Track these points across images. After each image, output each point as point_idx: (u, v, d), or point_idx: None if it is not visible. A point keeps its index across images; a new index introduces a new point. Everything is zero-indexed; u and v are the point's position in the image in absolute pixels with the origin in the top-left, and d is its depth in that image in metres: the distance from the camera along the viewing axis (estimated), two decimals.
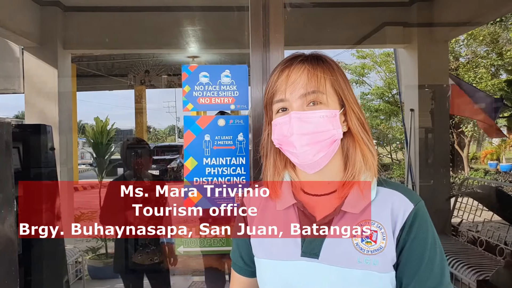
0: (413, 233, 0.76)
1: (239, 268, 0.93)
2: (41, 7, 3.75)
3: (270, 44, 1.49)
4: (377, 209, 0.78)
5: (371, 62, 11.31)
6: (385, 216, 0.78)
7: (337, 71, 0.81)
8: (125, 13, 3.88)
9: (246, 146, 1.46)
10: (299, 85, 0.77)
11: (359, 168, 0.80)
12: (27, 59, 3.84)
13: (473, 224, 3.75)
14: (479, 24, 5.66)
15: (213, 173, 1.45)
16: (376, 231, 0.77)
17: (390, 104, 10.87)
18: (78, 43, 4.10)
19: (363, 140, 0.81)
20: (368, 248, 0.76)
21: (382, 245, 0.76)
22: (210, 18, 3.89)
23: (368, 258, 0.75)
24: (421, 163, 4.14)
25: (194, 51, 4.92)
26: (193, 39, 4.49)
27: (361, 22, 4.17)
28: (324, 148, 0.77)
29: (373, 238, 0.77)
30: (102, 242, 3.94)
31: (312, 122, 0.76)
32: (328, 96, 0.78)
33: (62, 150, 3.88)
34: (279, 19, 1.51)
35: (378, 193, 0.80)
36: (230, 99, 1.46)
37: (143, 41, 4.09)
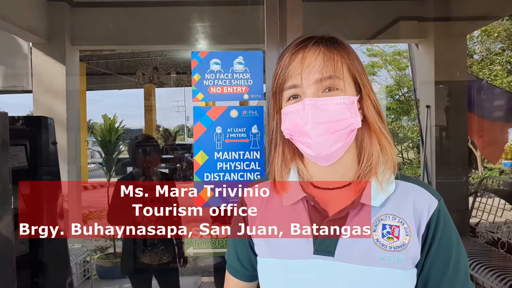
0: (439, 231, 0.72)
1: (234, 271, 0.87)
2: (49, 3, 3.69)
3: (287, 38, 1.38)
4: (398, 203, 0.73)
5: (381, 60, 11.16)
6: (407, 210, 0.72)
7: (353, 54, 0.75)
8: (133, 8, 3.81)
9: (261, 139, 1.34)
10: (314, 69, 0.70)
11: (376, 159, 0.73)
12: (35, 56, 3.79)
13: (494, 224, 3.60)
14: (497, 17, 5.49)
15: (225, 169, 1.33)
16: (398, 226, 0.71)
17: (401, 103, 10.69)
18: (86, 39, 4.03)
19: (380, 130, 0.74)
20: (390, 244, 0.70)
21: (405, 241, 0.70)
22: (220, 13, 3.80)
23: (392, 255, 0.69)
24: (437, 162, 4.00)
25: (204, 47, 4.83)
26: (202, 35, 4.39)
27: (374, 17, 4.06)
28: (341, 139, 0.70)
29: (395, 233, 0.71)
30: (111, 241, 3.87)
31: (328, 109, 0.69)
32: (345, 82, 0.71)
33: (70, 148, 3.82)
34: (297, 12, 1.40)
35: (398, 186, 0.74)
36: (244, 88, 1.34)
37: (152, 37, 4.01)
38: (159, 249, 2.43)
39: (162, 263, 2.42)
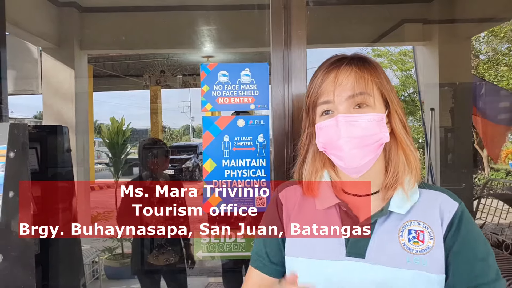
0: (461, 232, 0.76)
1: (262, 266, 0.89)
2: (58, 8, 3.77)
3: (292, 41, 1.43)
4: (422, 210, 0.78)
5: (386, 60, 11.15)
6: (432, 216, 0.77)
7: (382, 73, 0.81)
8: (140, 13, 3.88)
9: (266, 148, 1.41)
10: (346, 87, 0.76)
11: (402, 170, 0.79)
12: (45, 60, 3.88)
13: (497, 226, 3.62)
14: (503, 20, 5.49)
15: (232, 175, 1.40)
16: (422, 231, 0.76)
17: (406, 103, 10.69)
18: (94, 44, 4.11)
19: (406, 143, 0.79)
20: (416, 248, 0.75)
21: (430, 244, 0.75)
22: (226, 17, 3.86)
23: (418, 258, 0.74)
24: (442, 164, 4.03)
25: (209, 50, 4.90)
26: (208, 38, 4.46)
27: (379, 19, 4.09)
28: (371, 152, 0.76)
29: (420, 238, 0.76)
30: (119, 242, 3.95)
31: (360, 125, 0.75)
32: (375, 98, 0.77)
33: (78, 150, 3.90)
34: (302, 16, 1.45)
35: (422, 194, 0.80)
36: (250, 98, 1.41)
37: (158, 41, 4.08)
38: (166, 250, 2.49)
39: (169, 263, 2.48)
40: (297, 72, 1.43)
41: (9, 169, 1.12)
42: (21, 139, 1.23)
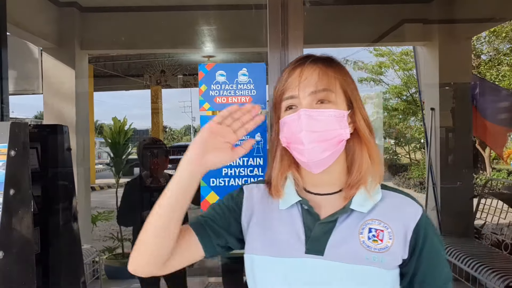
0: (428, 237, 0.80)
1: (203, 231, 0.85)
2: (58, 8, 3.80)
3: (289, 42, 1.46)
4: (384, 210, 0.81)
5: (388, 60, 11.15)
6: (393, 216, 0.80)
7: (347, 74, 0.83)
8: (141, 13, 3.90)
9: (263, 147, 1.43)
10: (310, 83, 0.78)
11: (365, 169, 0.81)
12: (45, 60, 3.90)
13: (497, 226, 3.63)
14: (503, 20, 5.51)
15: (230, 174, 1.42)
16: (382, 230, 0.79)
17: (408, 103, 10.68)
18: (95, 44, 4.14)
19: (370, 142, 0.82)
20: (375, 246, 0.78)
21: (388, 244, 0.78)
22: (226, 17, 3.88)
23: (376, 256, 0.77)
24: (442, 164, 4.04)
25: (210, 50, 4.92)
26: (208, 38, 4.48)
27: (379, 20, 4.10)
28: (331, 147, 0.78)
29: (380, 237, 0.78)
30: (119, 242, 3.97)
31: (320, 120, 0.77)
32: (337, 96, 0.79)
33: (79, 150, 3.93)
34: (299, 16, 1.48)
35: (384, 195, 0.83)
36: (247, 98, 1.43)
37: (159, 41, 4.11)
38: None
39: None
40: None
41: (10, 168, 1.15)
42: (21, 138, 1.26)
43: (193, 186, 0.77)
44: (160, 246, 0.78)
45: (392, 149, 12.52)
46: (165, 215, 0.76)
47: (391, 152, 12.41)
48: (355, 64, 11.45)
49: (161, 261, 0.79)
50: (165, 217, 0.76)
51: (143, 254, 0.79)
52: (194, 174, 0.76)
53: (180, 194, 0.76)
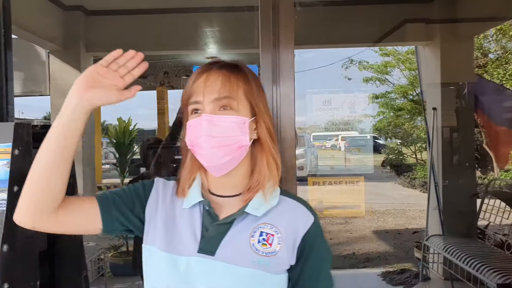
0: (314, 246, 0.83)
1: (106, 200, 0.85)
2: (64, 12, 3.90)
3: (280, 43, 1.51)
4: (277, 216, 0.84)
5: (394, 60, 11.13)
6: (285, 223, 0.83)
7: (252, 81, 0.85)
8: (144, 15, 3.98)
9: None
10: (213, 89, 0.80)
11: (264, 174, 0.84)
12: (52, 63, 4.01)
13: (501, 227, 3.63)
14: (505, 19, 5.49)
15: None
16: (273, 235, 0.82)
17: (415, 103, 10.65)
18: (99, 46, 4.23)
19: (270, 150, 0.85)
20: (263, 250, 0.80)
21: (276, 249, 0.81)
22: (229, 19, 3.94)
23: (262, 259, 0.80)
24: (444, 163, 4.05)
25: (213, 51, 5.00)
26: (211, 40, 4.56)
27: (381, 20, 4.13)
28: (231, 152, 0.80)
29: (270, 241, 0.81)
30: (124, 240, 4.05)
31: (221, 126, 0.79)
32: (240, 103, 0.81)
33: (85, 149, 4.02)
34: (290, 19, 1.54)
35: (281, 201, 0.86)
36: None
37: (162, 43, 4.18)
38: None
39: None
40: (285, 73, 1.51)
41: (14, 165, 1.22)
42: (25, 138, 1.33)
43: (77, 121, 0.75)
44: (44, 187, 0.76)
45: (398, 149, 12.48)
46: (50, 152, 0.75)
47: (397, 152, 12.37)
48: (360, 64, 11.47)
49: (45, 208, 0.77)
50: (51, 153, 0.75)
51: (26, 198, 0.77)
52: (78, 108, 0.75)
53: (65, 130, 0.75)
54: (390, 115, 12.16)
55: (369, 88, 11.62)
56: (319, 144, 15.19)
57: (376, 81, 11.85)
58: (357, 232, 6.38)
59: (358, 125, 8.33)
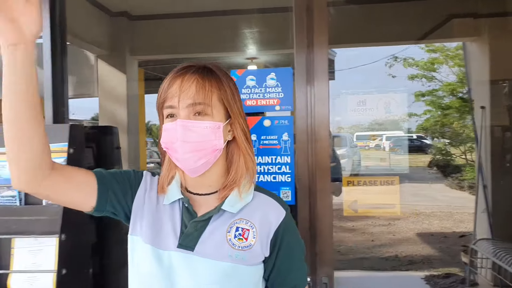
0: (285, 238, 0.88)
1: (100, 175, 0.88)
2: (110, 18, 4.13)
3: (314, 44, 1.56)
4: (252, 211, 0.89)
5: (441, 56, 10.72)
6: (259, 217, 0.88)
7: (226, 84, 0.88)
8: (185, 19, 4.13)
9: (291, 146, 1.55)
10: (187, 95, 0.82)
11: (241, 173, 0.89)
12: (100, 66, 4.27)
13: None
14: None
15: (259, 171, 1.56)
16: (248, 230, 0.87)
17: (464, 101, 10.20)
18: (143, 50, 4.45)
19: (245, 149, 0.89)
20: (239, 244, 0.85)
21: (251, 243, 0.86)
22: (267, 20, 4.01)
23: (238, 253, 0.85)
24: (493, 164, 3.90)
25: (253, 52, 5.09)
26: (250, 41, 4.65)
27: (425, 16, 4.03)
28: (206, 156, 0.84)
29: (245, 236, 0.86)
30: None
31: (196, 131, 0.82)
32: (214, 108, 0.84)
33: (130, 149, 4.24)
34: (323, 19, 1.57)
35: (255, 197, 0.91)
36: (275, 100, 1.56)
37: (202, 45, 4.32)
38: None
39: None
40: (319, 73, 1.55)
41: (69, 163, 1.36)
42: (78, 138, 1.48)
43: (8, 55, 0.67)
44: (19, 139, 0.73)
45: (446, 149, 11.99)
46: (7, 101, 0.70)
47: (444, 153, 11.89)
48: (405, 61, 11.15)
49: (34, 168, 0.76)
50: (8, 101, 0.70)
51: (10, 159, 0.75)
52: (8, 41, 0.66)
53: (8, 70, 0.68)
54: (438, 114, 11.71)
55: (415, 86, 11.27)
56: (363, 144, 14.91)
57: (423, 78, 11.48)
58: (400, 234, 6.25)
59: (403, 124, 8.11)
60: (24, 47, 0.67)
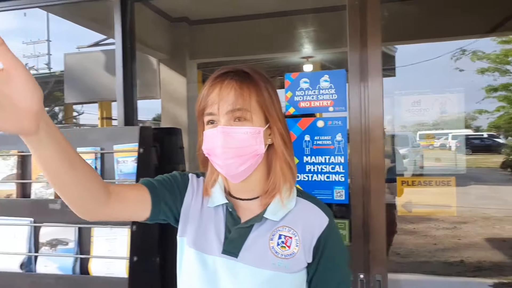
0: (328, 246, 0.88)
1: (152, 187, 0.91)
2: (171, 24, 4.39)
3: (368, 44, 1.58)
4: (294, 218, 0.90)
5: None
6: (301, 225, 0.89)
7: (264, 88, 0.88)
8: (241, 21, 4.27)
9: (344, 146, 1.61)
10: (227, 102, 0.84)
11: (279, 179, 0.89)
12: (162, 70, 4.55)
13: None
14: None
15: (313, 171, 1.63)
16: (291, 237, 0.88)
17: None
18: (202, 53, 4.67)
19: (283, 155, 0.89)
20: (282, 252, 0.87)
21: (294, 251, 0.87)
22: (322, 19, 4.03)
23: (281, 261, 0.86)
24: None
25: (309, 51, 5.14)
26: (306, 40, 4.70)
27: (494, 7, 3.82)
28: (247, 162, 0.86)
29: (288, 243, 0.87)
30: None
31: (236, 137, 0.84)
32: (253, 113, 0.86)
33: (190, 149, 4.47)
34: (376, 18, 1.59)
35: (297, 203, 0.91)
36: (329, 102, 1.62)
37: (259, 47, 4.44)
38: None
39: None
40: (373, 73, 1.58)
41: (139, 161, 1.53)
42: (147, 139, 1.64)
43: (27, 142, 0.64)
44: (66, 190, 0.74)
45: None
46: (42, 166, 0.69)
47: None
48: (474, 54, 10.52)
49: (92, 202, 0.79)
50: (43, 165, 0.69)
51: (65, 200, 0.77)
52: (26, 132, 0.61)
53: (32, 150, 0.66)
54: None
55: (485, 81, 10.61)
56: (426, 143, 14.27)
57: (495, 72, 10.76)
58: (467, 238, 5.95)
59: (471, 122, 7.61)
60: (31, 139, 0.62)
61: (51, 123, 0.65)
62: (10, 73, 0.54)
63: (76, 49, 5.41)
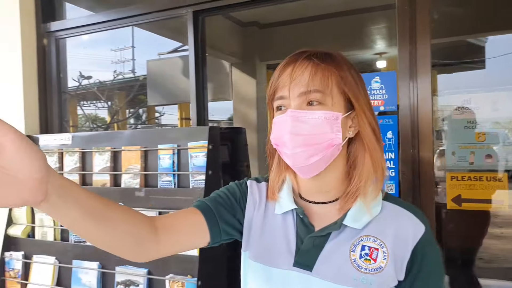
0: (425, 261, 0.74)
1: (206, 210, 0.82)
2: (242, 28, 4.70)
3: (417, 41, 1.67)
4: (381, 226, 0.76)
5: None
6: (390, 234, 0.75)
7: (348, 70, 0.76)
8: (310, 22, 4.43)
9: (395, 143, 1.73)
10: (301, 83, 0.73)
11: (366, 178, 0.76)
12: (234, 73, 4.89)
13: None
14: None
15: None
16: (377, 249, 0.74)
17: None
18: (271, 55, 4.92)
19: (374, 148, 0.77)
20: (366, 266, 0.73)
21: (382, 265, 0.73)
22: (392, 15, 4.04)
23: (365, 277, 0.73)
24: None
25: (381, 48, 5.13)
26: (378, 37, 4.72)
27: None
28: (319, 152, 0.73)
29: (373, 256, 0.74)
30: None
31: (308, 122, 0.72)
32: (333, 97, 0.74)
33: (259, 147, 4.75)
34: (426, 17, 1.67)
35: (384, 208, 0.78)
36: (380, 101, 1.75)
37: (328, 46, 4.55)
38: None
39: None
40: (422, 69, 1.67)
41: (208, 157, 1.79)
42: (215, 137, 1.90)
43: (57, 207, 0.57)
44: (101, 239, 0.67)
45: None
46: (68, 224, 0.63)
47: None
48: None
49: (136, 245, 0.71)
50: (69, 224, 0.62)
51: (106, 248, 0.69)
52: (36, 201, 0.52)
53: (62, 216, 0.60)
54: None
55: None
56: None
57: None
58: None
59: None
60: (42, 206, 0.54)
61: (66, 182, 0.57)
62: (0, 142, 0.45)
63: (157, 55, 5.99)
